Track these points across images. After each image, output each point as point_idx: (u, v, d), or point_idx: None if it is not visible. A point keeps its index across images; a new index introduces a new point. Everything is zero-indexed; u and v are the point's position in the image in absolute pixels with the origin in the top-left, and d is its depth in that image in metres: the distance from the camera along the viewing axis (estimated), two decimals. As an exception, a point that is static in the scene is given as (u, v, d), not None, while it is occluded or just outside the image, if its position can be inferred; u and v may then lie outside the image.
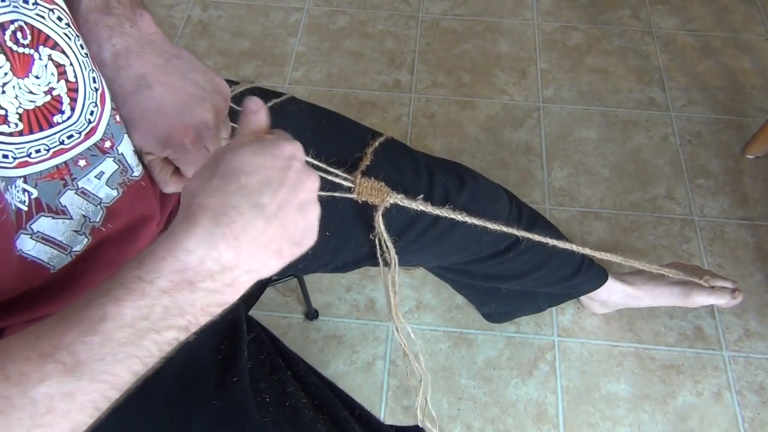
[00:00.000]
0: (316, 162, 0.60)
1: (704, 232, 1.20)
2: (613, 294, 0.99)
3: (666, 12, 1.62)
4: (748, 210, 1.23)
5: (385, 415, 0.99)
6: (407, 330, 0.76)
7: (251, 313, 0.73)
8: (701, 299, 0.98)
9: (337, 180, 0.61)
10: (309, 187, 0.40)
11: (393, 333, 1.07)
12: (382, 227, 0.64)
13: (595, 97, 1.43)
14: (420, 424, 0.90)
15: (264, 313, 1.09)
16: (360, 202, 0.63)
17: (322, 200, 0.42)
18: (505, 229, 0.69)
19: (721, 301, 0.98)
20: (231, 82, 0.65)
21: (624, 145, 1.34)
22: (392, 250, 0.65)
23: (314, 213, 0.41)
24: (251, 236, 0.36)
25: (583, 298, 1.04)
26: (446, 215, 0.65)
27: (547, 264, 0.85)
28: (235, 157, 0.38)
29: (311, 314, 1.08)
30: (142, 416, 0.51)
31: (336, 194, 0.62)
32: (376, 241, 0.66)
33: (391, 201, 0.62)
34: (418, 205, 0.64)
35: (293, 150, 0.40)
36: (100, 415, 0.34)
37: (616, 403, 1.01)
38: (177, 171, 0.49)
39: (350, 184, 0.61)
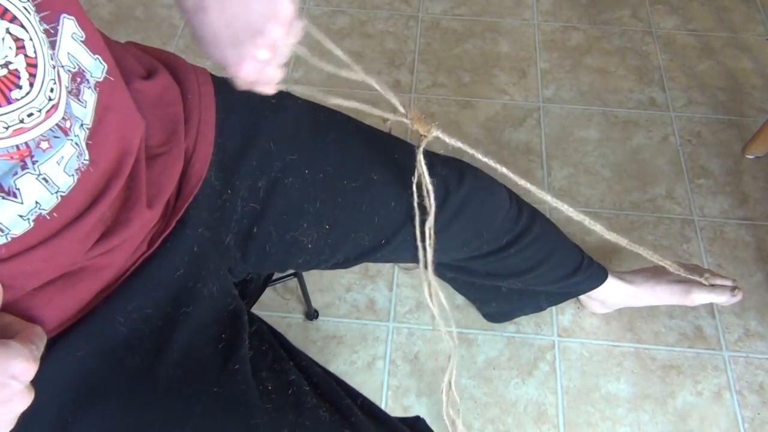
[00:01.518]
0: (370, 80, 0.59)
1: (704, 232, 1.20)
2: (612, 293, 0.99)
3: (666, 12, 1.62)
4: (748, 210, 1.23)
5: (385, 415, 0.99)
6: (439, 294, 0.75)
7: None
8: (701, 297, 0.98)
9: (393, 101, 0.61)
10: (14, 408, 0.40)
11: (393, 333, 1.07)
12: (424, 166, 0.63)
13: (595, 97, 1.43)
14: (444, 406, 0.90)
15: (264, 313, 1.09)
16: (411, 129, 0.62)
17: (328, 181, 0.39)
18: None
19: (721, 298, 0.98)
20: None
21: (624, 145, 1.34)
22: (432, 195, 0.65)
23: (5, 429, 0.41)
24: None
25: (582, 297, 1.04)
26: (481, 158, 0.65)
27: (548, 261, 0.85)
28: None
29: (311, 314, 1.08)
30: (143, 403, 0.51)
31: (390, 116, 0.62)
32: (413, 186, 0.66)
33: (434, 133, 0.62)
34: (456, 142, 0.64)
35: (23, 369, 0.40)
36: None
37: (616, 403, 1.01)
38: None
39: (402, 110, 0.62)
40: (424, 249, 0.70)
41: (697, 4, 1.64)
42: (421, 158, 0.63)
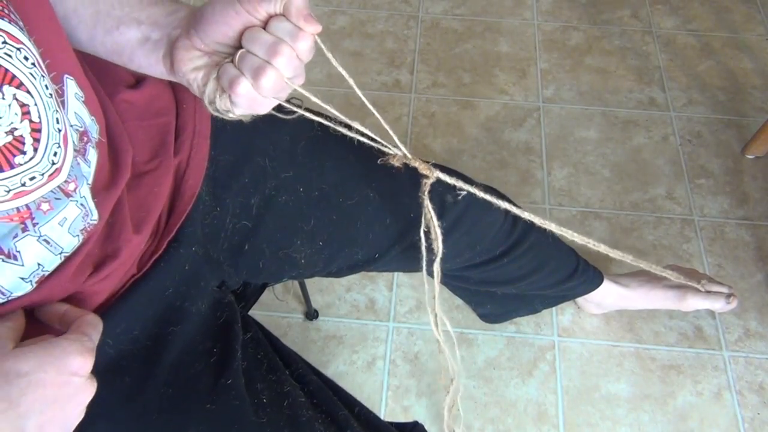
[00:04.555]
0: (365, 131, 0.56)
1: (704, 232, 1.20)
2: (607, 296, 1.00)
3: (666, 12, 1.62)
4: (748, 210, 1.23)
5: (384, 415, 0.99)
6: (447, 326, 0.74)
7: (250, 312, 0.73)
8: (696, 303, 0.98)
9: (386, 150, 0.57)
10: (80, 401, 0.40)
11: (393, 333, 1.07)
12: (432, 211, 0.61)
13: (595, 97, 1.43)
14: (446, 426, 0.90)
15: (264, 313, 1.09)
16: (411, 165, 0.59)
17: (325, 193, 0.38)
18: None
19: (715, 305, 0.98)
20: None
21: (624, 145, 1.34)
22: (440, 238, 0.63)
23: (76, 421, 0.41)
24: None
25: (578, 299, 1.04)
26: (481, 195, 0.63)
27: (542, 269, 0.85)
28: (19, 364, 0.38)
29: (311, 314, 1.08)
30: (135, 425, 0.50)
31: (390, 150, 0.58)
32: (422, 220, 0.63)
33: (437, 175, 0.59)
34: (456, 181, 0.61)
35: (81, 364, 0.40)
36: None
37: (616, 403, 1.01)
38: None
39: (399, 152, 0.58)
40: (433, 281, 0.68)
41: (697, 4, 1.64)
42: (428, 203, 0.61)
